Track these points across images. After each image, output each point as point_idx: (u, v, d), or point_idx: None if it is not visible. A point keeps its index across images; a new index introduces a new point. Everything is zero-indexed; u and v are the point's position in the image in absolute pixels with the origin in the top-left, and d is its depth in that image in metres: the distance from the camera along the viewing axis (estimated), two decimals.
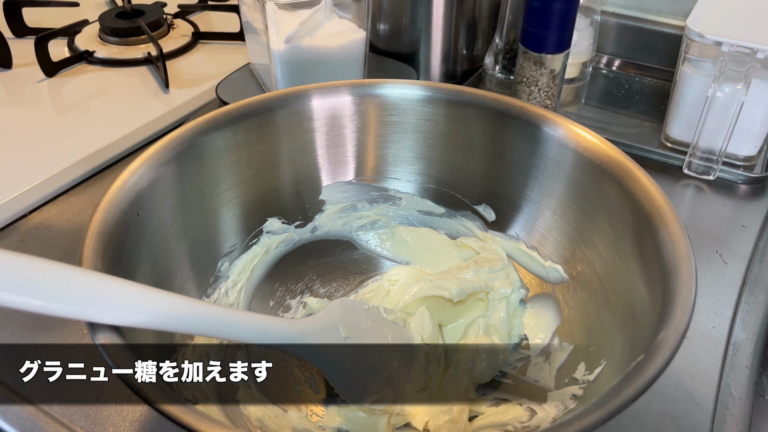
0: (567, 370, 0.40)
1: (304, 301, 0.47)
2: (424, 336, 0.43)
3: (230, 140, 0.44)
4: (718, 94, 0.54)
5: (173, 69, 0.73)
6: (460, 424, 0.37)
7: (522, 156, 0.45)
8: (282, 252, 0.49)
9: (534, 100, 0.60)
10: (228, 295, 0.44)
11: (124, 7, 0.79)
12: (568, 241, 0.44)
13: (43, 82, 0.70)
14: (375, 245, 0.51)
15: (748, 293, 0.49)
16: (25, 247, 0.52)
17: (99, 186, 0.59)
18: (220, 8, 0.85)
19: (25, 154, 0.59)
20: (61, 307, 0.28)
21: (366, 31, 0.60)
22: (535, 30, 0.56)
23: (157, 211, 0.39)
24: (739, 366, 0.44)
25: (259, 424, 0.38)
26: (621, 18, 0.75)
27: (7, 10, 0.78)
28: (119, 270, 0.34)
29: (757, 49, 0.53)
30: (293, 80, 0.60)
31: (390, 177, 0.50)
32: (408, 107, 0.47)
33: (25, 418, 0.40)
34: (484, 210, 0.49)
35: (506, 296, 0.45)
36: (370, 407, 0.38)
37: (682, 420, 0.40)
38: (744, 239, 0.53)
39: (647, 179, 0.38)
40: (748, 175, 0.58)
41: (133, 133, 0.63)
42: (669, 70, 0.73)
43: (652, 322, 0.32)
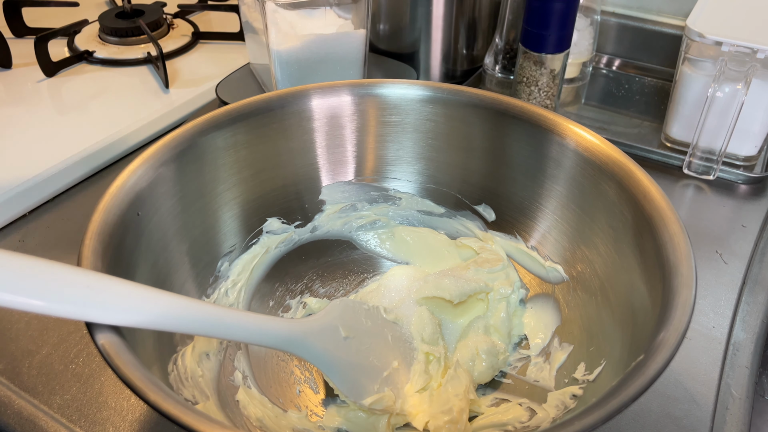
0: (567, 370, 0.40)
1: (303, 301, 0.47)
2: (424, 336, 0.43)
3: (230, 140, 0.44)
4: (718, 94, 0.54)
5: (173, 69, 0.73)
6: (460, 424, 0.37)
7: (522, 156, 0.45)
8: (282, 252, 0.49)
9: (534, 100, 0.60)
10: (228, 295, 0.44)
11: (124, 7, 0.79)
12: (568, 241, 0.44)
13: (43, 82, 0.70)
14: (375, 245, 0.51)
15: (748, 293, 0.49)
16: (25, 247, 0.52)
17: (99, 186, 0.59)
18: (220, 8, 0.85)
19: (25, 154, 0.59)
20: (61, 307, 0.28)
21: (366, 31, 0.60)
22: (535, 30, 0.56)
23: (157, 211, 0.39)
24: (739, 366, 0.44)
25: (259, 424, 0.38)
26: (621, 18, 0.75)
27: (7, 10, 0.78)
28: (119, 270, 0.34)
29: (757, 49, 0.53)
30: (293, 80, 0.60)
31: (390, 177, 0.50)
32: (408, 107, 0.47)
33: (25, 418, 0.40)
34: (484, 210, 0.49)
35: (506, 296, 0.45)
36: (370, 407, 0.38)
37: (682, 420, 0.40)
38: (744, 239, 0.53)
39: (647, 179, 0.38)
40: (748, 175, 0.58)
41: (133, 133, 0.63)
42: (669, 70, 0.73)
43: (652, 322, 0.32)
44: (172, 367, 0.36)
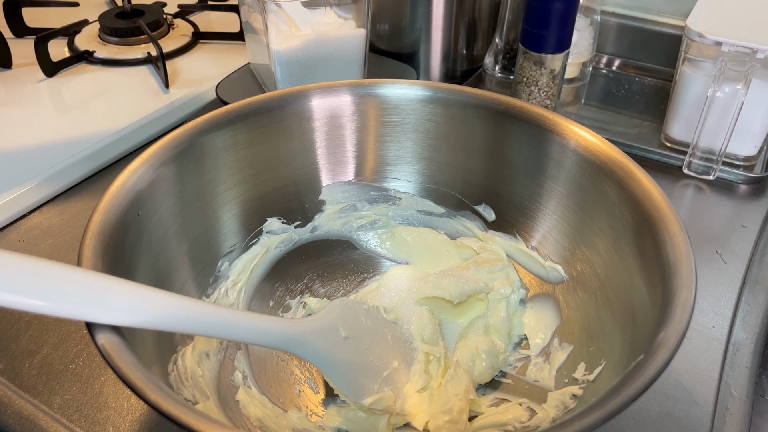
0: (567, 370, 0.40)
1: (303, 301, 0.47)
2: (424, 336, 0.43)
3: (230, 140, 0.44)
4: (718, 94, 0.54)
5: (173, 69, 0.73)
6: (460, 424, 0.37)
7: (522, 156, 0.45)
8: (282, 252, 0.49)
9: (534, 100, 0.60)
10: (228, 295, 0.44)
11: (124, 7, 0.79)
12: (568, 241, 0.44)
13: (43, 82, 0.70)
14: (375, 245, 0.51)
15: (748, 293, 0.49)
16: (25, 247, 0.52)
17: (99, 186, 0.59)
18: (220, 8, 0.85)
19: (25, 154, 0.59)
20: (61, 307, 0.28)
21: (366, 31, 0.60)
22: (535, 30, 0.56)
23: (157, 211, 0.39)
24: (739, 366, 0.44)
25: (259, 424, 0.38)
26: (621, 18, 0.75)
27: (7, 10, 0.78)
28: (119, 270, 0.34)
29: (757, 49, 0.53)
30: (293, 80, 0.60)
31: (390, 177, 0.50)
32: (408, 107, 0.47)
33: (25, 418, 0.40)
34: (484, 210, 0.49)
35: (506, 296, 0.45)
36: (370, 407, 0.38)
37: (682, 420, 0.40)
38: (744, 239, 0.53)
39: (647, 179, 0.38)
40: (748, 175, 0.58)
41: (133, 133, 0.63)
42: (669, 70, 0.73)
43: (652, 322, 0.32)
44: (172, 367, 0.36)
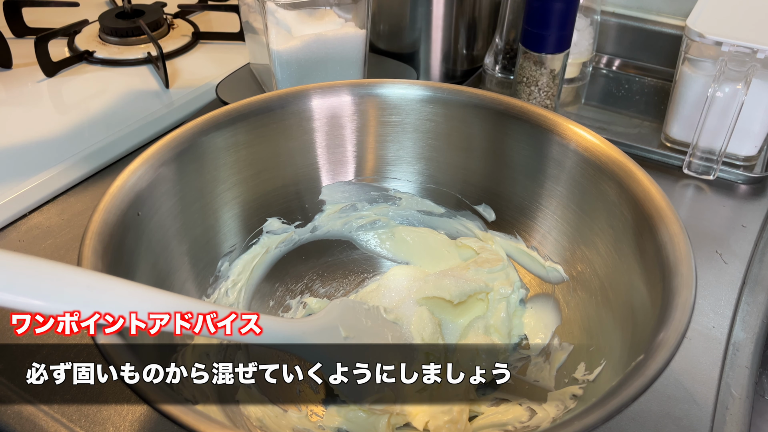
0: (567, 370, 0.40)
1: (304, 301, 0.47)
2: (424, 336, 0.43)
3: (230, 140, 0.44)
4: (718, 94, 0.54)
5: (173, 69, 0.73)
6: (460, 424, 0.37)
7: (522, 156, 0.45)
8: (282, 252, 0.49)
9: (534, 100, 0.60)
10: (228, 295, 0.44)
11: (124, 7, 0.79)
12: (568, 241, 0.44)
13: (43, 82, 0.70)
14: (375, 245, 0.51)
15: (748, 293, 0.49)
16: (25, 247, 0.52)
17: (99, 186, 0.59)
18: (220, 8, 0.85)
19: (25, 154, 0.59)
20: (61, 307, 0.28)
21: (366, 31, 0.60)
22: (535, 30, 0.56)
23: (157, 211, 0.39)
24: (739, 366, 0.44)
25: (259, 424, 0.38)
26: (621, 18, 0.75)
27: (7, 10, 0.78)
28: (119, 270, 0.34)
29: (757, 49, 0.53)
30: (293, 80, 0.60)
31: (390, 177, 0.50)
32: (408, 107, 0.47)
33: (25, 418, 0.40)
34: (484, 210, 0.49)
35: (506, 296, 0.45)
36: (370, 407, 0.38)
37: (682, 420, 0.40)
38: (744, 239, 0.53)
39: (647, 179, 0.38)
40: (748, 175, 0.58)
41: (133, 133, 0.63)
42: (669, 70, 0.73)
43: (652, 322, 0.32)
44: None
